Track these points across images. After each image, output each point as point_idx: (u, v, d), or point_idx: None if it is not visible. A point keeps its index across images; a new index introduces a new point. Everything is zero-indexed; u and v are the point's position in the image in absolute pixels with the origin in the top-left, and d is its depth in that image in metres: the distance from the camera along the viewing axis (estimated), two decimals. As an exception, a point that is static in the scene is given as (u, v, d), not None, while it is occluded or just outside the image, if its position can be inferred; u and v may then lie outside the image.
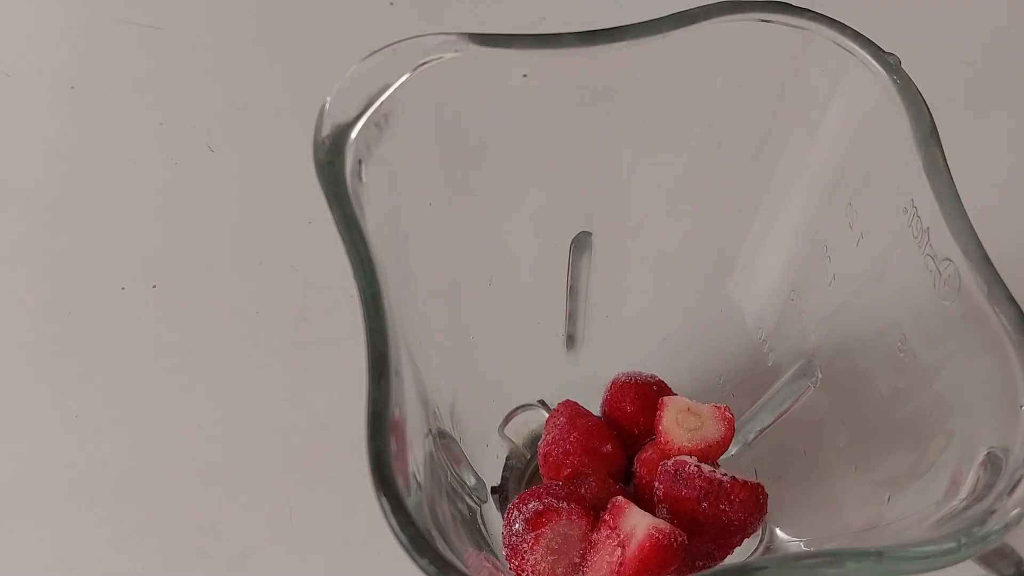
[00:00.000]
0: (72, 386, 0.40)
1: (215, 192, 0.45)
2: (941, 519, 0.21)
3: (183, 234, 0.44)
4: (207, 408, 0.39)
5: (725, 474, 0.28)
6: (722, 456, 0.30)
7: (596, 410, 0.33)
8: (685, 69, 0.27)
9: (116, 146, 0.46)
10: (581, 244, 0.32)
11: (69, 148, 0.47)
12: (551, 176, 0.30)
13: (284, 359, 0.40)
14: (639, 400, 0.32)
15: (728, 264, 0.33)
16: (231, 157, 0.46)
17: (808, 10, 0.26)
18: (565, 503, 0.27)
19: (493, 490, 0.33)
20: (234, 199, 0.45)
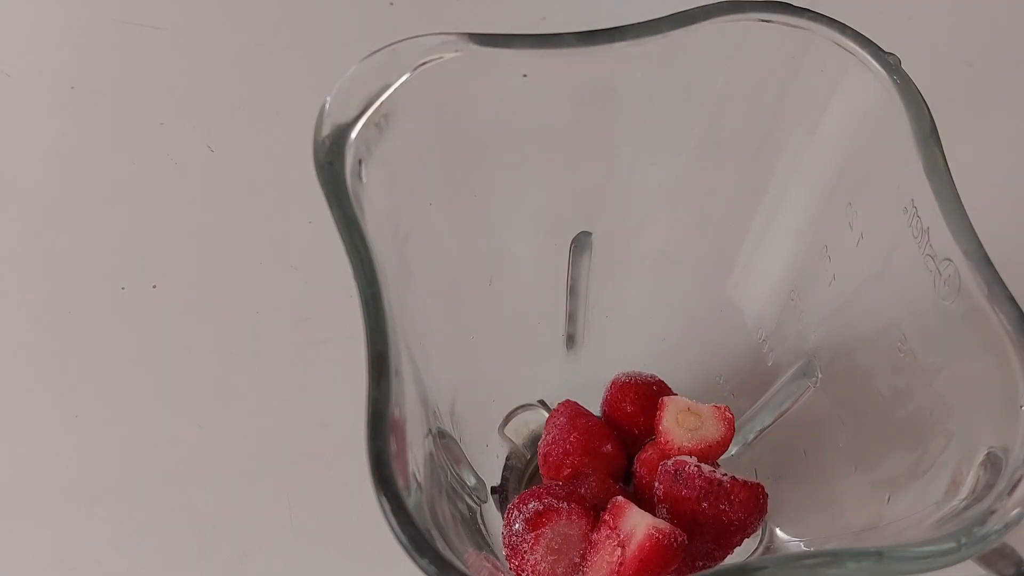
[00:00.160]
0: (72, 386, 0.40)
1: (215, 192, 0.45)
2: (941, 519, 0.21)
3: (183, 234, 0.44)
4: (207, 408, 0.39)
5: (725, 474, 0.28)
6: (722, 456, 0.30)
7: (596, 410, 0.33)
8: (685, 69, 0.27)
9: (116, 146, 0.46)
10: (581, 244, 0.32)
11: (69, 148, 0.47)
12: (551, 176, 0.30)
13: (284, 359, 0.40)
14: (639, 400, 0.32)
15: (728, 264, 0.33)
16: (231, 157, 0.46)
17: (808, 10, 0.26)
18: (565, 503, 0.27)
19: (493, 490, 0.33)
20: (234, 199, 0.45)
